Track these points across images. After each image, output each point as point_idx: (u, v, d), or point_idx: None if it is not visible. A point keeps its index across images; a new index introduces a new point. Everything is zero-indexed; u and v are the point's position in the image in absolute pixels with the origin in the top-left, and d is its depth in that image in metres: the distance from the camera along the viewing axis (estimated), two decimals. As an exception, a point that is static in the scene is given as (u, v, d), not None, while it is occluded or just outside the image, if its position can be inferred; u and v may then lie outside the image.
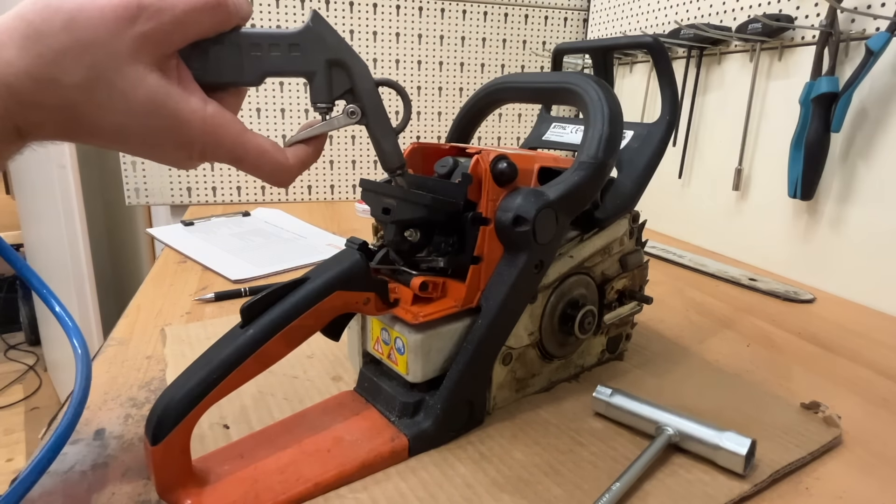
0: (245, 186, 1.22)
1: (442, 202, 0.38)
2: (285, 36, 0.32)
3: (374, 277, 0.37)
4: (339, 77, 0.34)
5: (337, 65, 0.34)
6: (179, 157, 0.32)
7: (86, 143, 0.30)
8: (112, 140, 0.30)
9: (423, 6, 1.22)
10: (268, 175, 0.34)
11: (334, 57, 0.33)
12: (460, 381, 0.39)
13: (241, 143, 0.32)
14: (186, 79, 0.31)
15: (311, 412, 0.41)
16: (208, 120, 0.31)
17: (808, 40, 0.77)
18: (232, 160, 0.33)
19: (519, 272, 0.39)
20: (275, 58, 0.32)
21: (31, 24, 0.26)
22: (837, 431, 0.42)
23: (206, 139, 0.31)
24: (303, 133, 0.35)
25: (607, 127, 0.40)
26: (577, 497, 0.35)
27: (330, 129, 0.35)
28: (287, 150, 0.35)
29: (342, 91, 0.34)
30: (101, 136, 0.30)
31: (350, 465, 0.35)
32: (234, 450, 0.36)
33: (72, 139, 0.30)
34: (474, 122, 0.55)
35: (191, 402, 0.31)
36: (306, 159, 0.35)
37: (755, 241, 0.88)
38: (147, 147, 0.31)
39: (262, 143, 0.33)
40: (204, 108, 0.31)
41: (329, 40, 0.33)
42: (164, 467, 0.31)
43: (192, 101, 0.30)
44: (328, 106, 0.35)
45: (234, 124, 0.32)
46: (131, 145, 0.31)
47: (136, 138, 0.30)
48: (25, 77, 0.26)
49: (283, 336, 0.33)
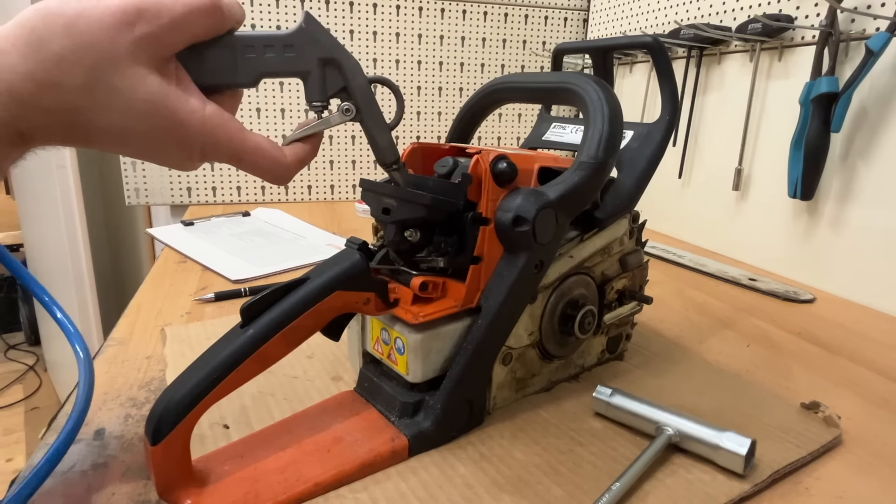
0: (245, 186, 1.22)
1: (442, 202, 0.38)
2: (279, 37, 0.33)
3: (374, 277, 0.37)
4: (333, 76, 0.35)
5: (330, 64, 0.34)
6: (180, 157, 0.32)
7: (88, 146, 0.31)
8: (113, 142, 0.31)
9: (423, 6, 1.22)
10: (266, 173, 0.35)
11: (327, 56, 0.34)
12: (460, 381, 0.39)
13: (240, 142, 0.33)
14: (185, 81, 0.31)
15: (311, 412, 0.41)
16: (207, 120, 0.31)
17: (808, 40, 0.77)
18: (231, 159, 0.33)
19: (519, 272, 0.39)
20: (269, 59, 0.33)
21: (34, 31, 0.27)
22: (837, 431, 0.42)
23: (206, 139, 0.32)
24: (300, 132, 0.36)
25: (607, 127, 0.40)
26: (577, 497, 0.35)
27: (326, 127, 0.36)
28: (285, 149, 0.35)
29: (336, 89, 0.35)
30: (103, 138, 0.30)
31: (350, 465, 0.35)
32: (234, 450, 0.36)
33: (74, 143, 0.31)
34: (474, 122, 0.55)
35: (191, 403, 0.31)
36: (304, 157, 0.36)
37: (755, 241, 0.88)
38: (148, 149, 0.32)
39: (261, 142, 0.34)
40: (203, 108, 0.31)
41: (322, 40, 0.34)
42: (164, 467, 0.31)
43: (190, 102, 0.31)
44: (323, 104, 0.35)
45: (233, 123, 0.33)
46: (132, 147, 0.31)
47: (137, 140, 0.31)
48: (29, 81, 0.27)
49: (283, 336, 0.33)
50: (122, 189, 1.17)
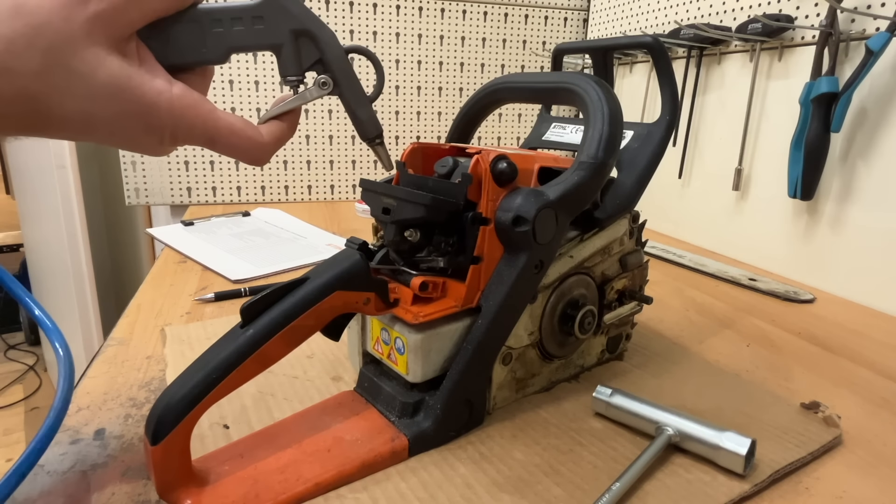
0: (245, 186, 1.22)
1: (442, 202, 0.38)
2: (247, 8, 0.32)
3: (374, 277, 0.37)
4: (307, 48, 0.33)
5: (303, 35, 0.33)
6: (150, 142, 0.30)
7: (53, 136, 0.29)
8: (78, 130, 0.29)
9: (423, 6, 1.22)
10: (243, 153, 0.33)
11: (300, 27, 0.33)
12: (460, 381, 0.39)
13: (213, 123, 0.31)
14: (148, 60, 0.29)
15: (311, 412, 0.41)
16: (175, 101, 0.30)
17: (808, 40, 0.77)
18: (204, 141, 0.32)
19: (519, 272, 0.39)
20: (238, 32, 0.32)
21: None
22: (837, 431, 0.42)
23: (176, 122, 0.30)
24: (275, 109, 0.35)
25: (607, 127, 0.40)
26: (577, 497, 0.35)
27: (302, 102, 0.35)
28: (261, 128, 0.34)
29: (311, 62, 0.34)
30: (66, 126, 0.28)
31: (350, 465, 0.35)
32: (234, 450, 0.36)
33: (37, 132, 0.29)
34: (474, 123, 0.55)
35: (191, 402, 0.31)
36: (281, 136, 0.34)
37: (755, 240, 0.88)
38: (115, 134, 0.30)
39: (235, 122, 0.32)
40: (170, 89, 0.29)
41: (293, 9, 0.32)
42: (163, 467, 0.31)
43: (156, 83, 0.29)
44: (299, 78, 0.34)
45: (204, 104, 0.31)
46: (99, 134, 0.29)
47: (103, 126, 0.29)
48: None
49: (283, 336, 0.33)
50: (122, 189, 1.17)
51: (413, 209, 0.38)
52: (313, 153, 1.25)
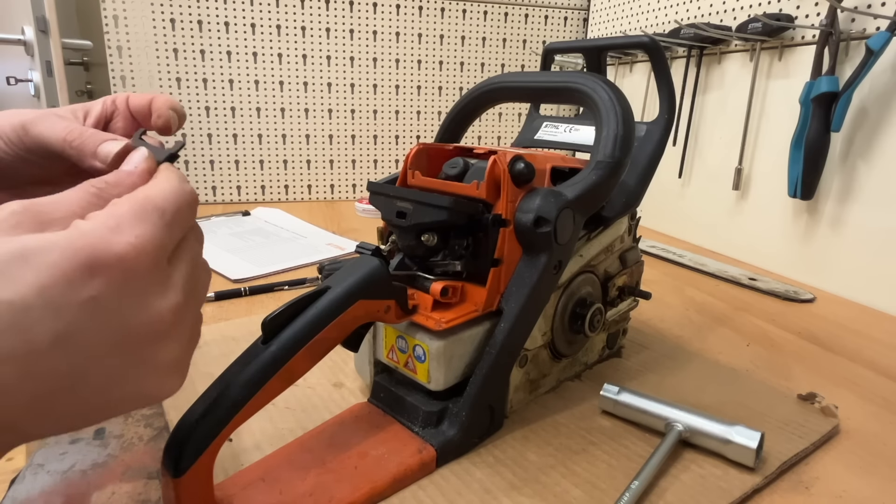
0: (245, 186, 1.22)
1: (463, 204, 0.37)
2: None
3: (394, 284, 0.36)
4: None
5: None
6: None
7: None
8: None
9: (423, 6, 1.22)
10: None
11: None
12: (484, 386, 0.38)
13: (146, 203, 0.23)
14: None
15: (327, 428, 0.39)
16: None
17: (809, 40, 0.77)
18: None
19: (540, 273, 0.38)
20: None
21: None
22: (835, 421, 0.42)
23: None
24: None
25: (622, 126, 0.40)
26: (596, 497, 0.35)
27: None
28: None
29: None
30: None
31: (381, 482, 0.34)
32: (253, 473, 0.34)
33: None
34: (465, 122, 0.53)
35: (214, 428, 0.29)
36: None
37: (755, 240, 0.88)
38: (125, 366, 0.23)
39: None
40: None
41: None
42: (187, 501, 0.28)
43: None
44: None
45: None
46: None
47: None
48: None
49: (308, 351, 0.31)
50: (121, 188, 1.17)
51: (434, 212, 0.37)
52: (313, 153, 1.25)
